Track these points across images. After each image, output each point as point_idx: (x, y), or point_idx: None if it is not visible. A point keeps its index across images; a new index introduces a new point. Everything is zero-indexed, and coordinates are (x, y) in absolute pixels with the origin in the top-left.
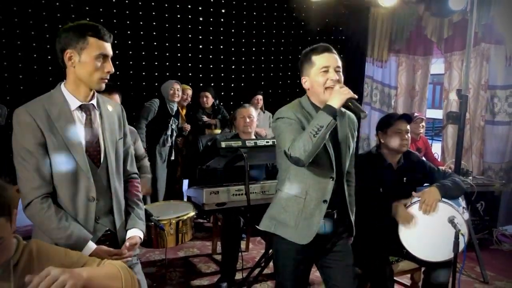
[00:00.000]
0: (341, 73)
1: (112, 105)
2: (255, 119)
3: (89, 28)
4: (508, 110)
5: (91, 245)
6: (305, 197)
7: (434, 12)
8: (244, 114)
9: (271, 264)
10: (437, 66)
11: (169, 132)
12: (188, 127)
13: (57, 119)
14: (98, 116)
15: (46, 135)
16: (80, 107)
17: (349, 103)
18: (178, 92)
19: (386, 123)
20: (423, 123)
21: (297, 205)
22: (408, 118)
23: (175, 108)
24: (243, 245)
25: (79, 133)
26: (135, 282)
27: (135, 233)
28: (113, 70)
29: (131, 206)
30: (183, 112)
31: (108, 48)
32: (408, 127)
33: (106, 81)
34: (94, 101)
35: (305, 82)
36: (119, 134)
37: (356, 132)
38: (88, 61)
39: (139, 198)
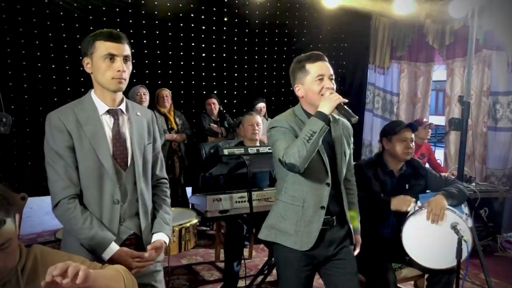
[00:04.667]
0: (333, 81)
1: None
2: (261, 127)
3: (98, 34)
4: (510, 116)
5: (114, 246)
6: (303, 204)
7: (436, 19)
8: (253, 122)
9: (274, 271)
10: (439, 72)
11: None
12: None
13: (85, 123)
14: (126, 121)
15: (75, 138)
16: (108, 112)
17: (340, 109)
18: (145, 96)
19: (392, 131)
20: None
21: (295, 213)
22: (413, 127)
23: None
24: (246, 252)
25: (106, 136)
26: (136, 285)
27: (160, 237)
28: (125, 69)
29: (158, 210)
30: (171, 115)
31: (116, 47)
32: (413, 135)
33: (123, 81)
34: (122, 106)
35: (299, 90)
36: (148, 139)
37: (352, 139)
38: (98, 63)
39: (167, 203)
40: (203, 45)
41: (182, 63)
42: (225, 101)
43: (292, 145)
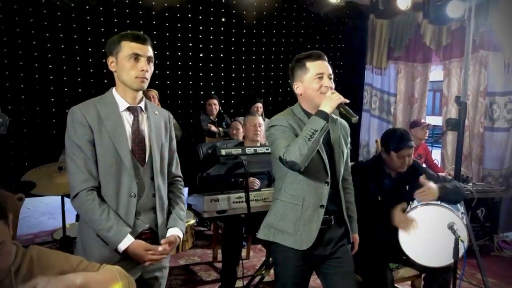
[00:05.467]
0: (332, 80)
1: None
2: (263, 128)
3: (125, 34)
4: (507, 116)
5: (129, 238)
6: (302, 203)
7: (432, 19)
8: (255, 122)
9: (271, 271)
10: (436, 73)
11: None
12: None
13: (106, 118)
14: (145, 119)
15: (95, 132)
16: (128, 109)
17: (341, 108)
18: None
19: (391, 146)
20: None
21: (294, 212)
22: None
23: None
24: (243, 252)
25: (126, 132)
26: (134, 286)
27: (175, 232)
28: (148, 69)
29: (173, 206)
30: None
31: (141, 48)
32: (412, 150)
33: (145, 80)
34: (142, 105)
35: (298, 87)
36: (165, 137)
37: (349, 138)
38: (122, 62)
39: (182, 200)
40: (200, 46)
41: (179, 63)
42: (223, 101)
43: (293, 143)
